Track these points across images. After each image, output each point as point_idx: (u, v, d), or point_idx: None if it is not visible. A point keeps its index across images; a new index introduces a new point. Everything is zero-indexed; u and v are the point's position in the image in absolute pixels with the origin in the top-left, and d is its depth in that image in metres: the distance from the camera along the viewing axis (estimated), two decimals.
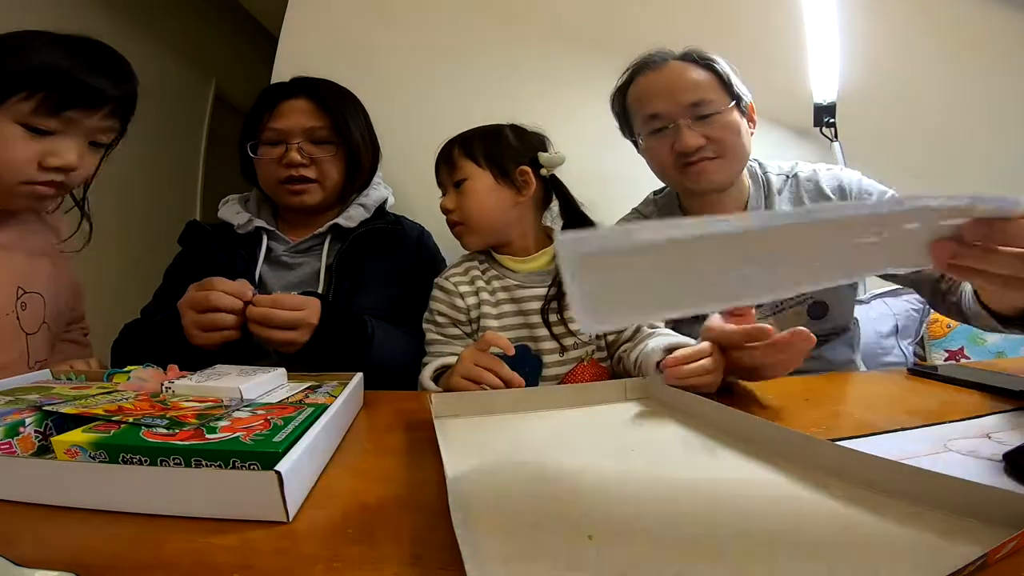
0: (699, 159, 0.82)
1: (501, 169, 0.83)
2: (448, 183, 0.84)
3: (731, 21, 1.31)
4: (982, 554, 0.24)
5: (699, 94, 0.81)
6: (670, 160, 0.84)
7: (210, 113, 2.51)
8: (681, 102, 0.81)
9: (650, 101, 0.84)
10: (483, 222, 0.82)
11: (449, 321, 0.82)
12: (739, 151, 0.84)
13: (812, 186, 0.89)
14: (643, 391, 0.63)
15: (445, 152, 0.85)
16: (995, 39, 1.36)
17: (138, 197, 2.02)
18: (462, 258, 0.89)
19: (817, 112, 1.32)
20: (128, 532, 0.32)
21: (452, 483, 0.34)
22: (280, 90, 0.92)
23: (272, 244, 0.91)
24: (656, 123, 0.84)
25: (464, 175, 0.82)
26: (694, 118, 0.81)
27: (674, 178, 0.87)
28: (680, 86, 0.82)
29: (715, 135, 0.81)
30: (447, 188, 0.85)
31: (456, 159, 0.83)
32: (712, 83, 0.82)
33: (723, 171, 0.83)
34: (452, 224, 0.84)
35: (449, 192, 0.84)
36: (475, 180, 0.82)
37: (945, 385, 0.62)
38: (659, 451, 0.46)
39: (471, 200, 0.81)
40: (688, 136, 0.80)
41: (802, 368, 0.86)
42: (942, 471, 0.37)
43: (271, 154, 0.89)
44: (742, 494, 0.36)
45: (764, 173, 0.93)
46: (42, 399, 0.47)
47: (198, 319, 0.67)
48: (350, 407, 0.55)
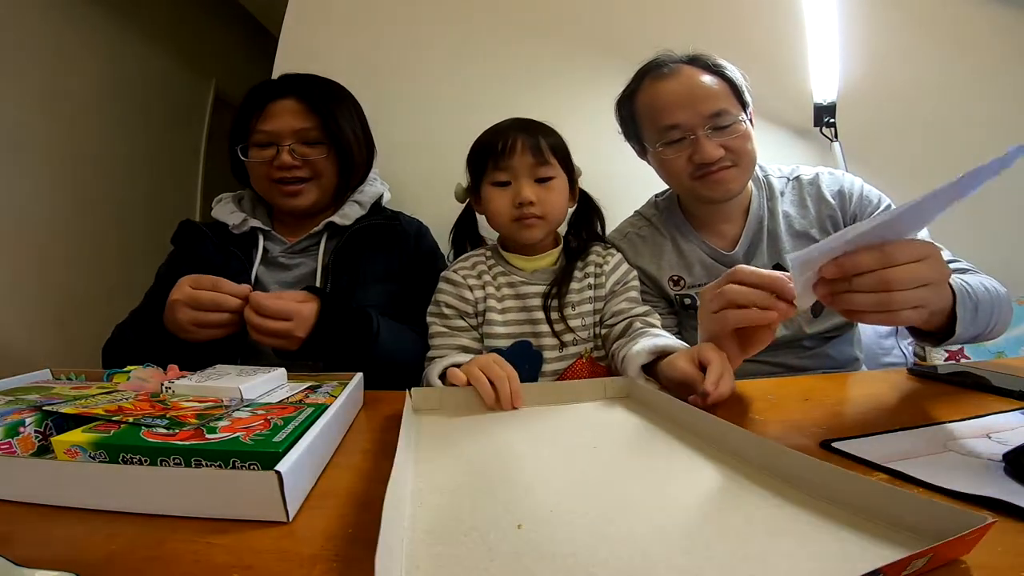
0: (718, 168, 0.81)
1: (571, 176, 0.86)
2: (527, 174, 0.80)
3: (732, 21, 1.31)
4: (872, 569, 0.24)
5: (717, 104, 0.80)
6: (687, 170, 0.83)
7: (210, 113, 2.51)
8: (701, 112, 0.80)
9: (666, 111, 0.82)
10: (556, 220, 0.84)
11: (456, 313, 0.82)
12: (752, 157, 0.84)
13: (814, 190, 0.89)
14: (623, 390, 0.63)
15: (532, 142, 0.80)
16: (995, 39, 1.36)
17: (138, 197, 2.02)
18: (469, 253, 0.89)
19: (817, 112, 1.32)
20: (128, 532, 0.32)
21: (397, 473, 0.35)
22: (268, 90, 0.90)
23: (268, 244, 0.91)
24: (673, 133, 0.82)
25: (553, 174, 0.82)
26: (713, 129, 0.80)
27: (689, 187, 0.86)
28: (698, 96, 0.81)
29: (732, 144, 0.81)
30: (523, 177, 0.80)
31: (547, 155, 0.81)
32: (726, 92, 0.82)
33: (739, 179, 0.84)
34: (526, 216, 0.80)
35: (529, 183, 0.80)
36: (560, 180, 0.83)
37: (945, 385, 0.61)
38: (622, 448, 0.47)
39: (556, 198, 0.82)
40: (708, 147, 0.80)
41: (808, 366, 0.87)
42: (942, 471, 0.37)
43: (262, 156, 0.88)
44: (690, 492, 0.37)
45: (766, 176, 0.93)
46: (42, 399, 0.48)
47: (197, 316, 0.67)
48: (350, 407, 0.55)
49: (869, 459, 0.40)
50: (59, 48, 1.65)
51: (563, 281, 0.82)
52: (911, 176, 1.23)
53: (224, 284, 0.68)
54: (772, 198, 0.91)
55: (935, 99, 1.36)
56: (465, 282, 0.83)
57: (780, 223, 0.89)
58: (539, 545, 0.30)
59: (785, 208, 0.90)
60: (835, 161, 1.31)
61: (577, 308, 0.82)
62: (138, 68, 2.02)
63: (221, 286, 0.68)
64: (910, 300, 0.48)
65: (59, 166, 1.68)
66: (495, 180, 0.81)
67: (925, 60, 1.36)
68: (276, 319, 0.68)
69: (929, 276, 0.49)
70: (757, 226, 0.89)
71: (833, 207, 0.87)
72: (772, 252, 0.89)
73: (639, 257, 0.92)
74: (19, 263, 1.55)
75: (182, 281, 0.69)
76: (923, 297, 0.49)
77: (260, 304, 0.68)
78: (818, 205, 0.88)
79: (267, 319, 0.67)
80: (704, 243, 0.91)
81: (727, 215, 0.90)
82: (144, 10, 2.04)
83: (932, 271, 0.49)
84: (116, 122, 1.91)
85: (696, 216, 0.93)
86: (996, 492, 0.33)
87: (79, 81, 1.74)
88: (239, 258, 0.87)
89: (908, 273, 0.48)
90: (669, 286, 0.91)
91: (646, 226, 0.97)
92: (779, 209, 0.89)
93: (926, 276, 0.48)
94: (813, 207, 0.88)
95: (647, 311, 0.82)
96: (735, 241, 0.90)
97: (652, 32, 1.01)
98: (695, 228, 0.93)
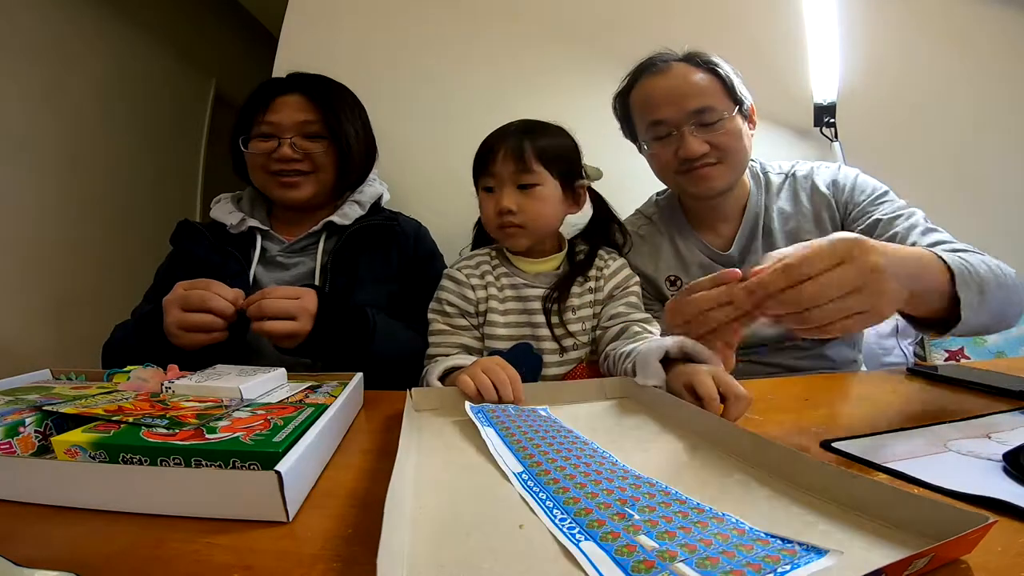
0: (702, 164, 0.82)
1: (568, 182, 0.82)
2: (509, 180, 0.78)
3: (732, 21, 1.31)
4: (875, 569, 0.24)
5: (703, 101, 0.80)
6: (673, 165, 0.84)
7: (210, 113, 2.51)
8: (685, 108, 0.80)
9: (654, 107, 0.83)
10: (542, 229, 0.81)
11: (458, 311, 0.82)
12: (740, 156, 0.84)
13: (808, 184, 0.89)
14: (621, 390, 0.63)
15: (514, 148, 0.77)
16: (994, 39, 1.36)
17: (138, 196, 2.02)
18: (473, 252, 0.89)
19: (817, 112, 1.32)
20: (128, 532, 0.32)
21: (398, 473, 0.35)
22: (275, 85, 0.92)
23: (266, 244, 0.90)
24: (660, 129, 0.83)
25: (537, 180, 0.78)
26: (698, 125, 0.81)
27: (676, 182, 0.87)
28: (684, 92, 0.81)
29: (718, 141, 0.81)
30: (505, 184, 0.78)
31: (529, 161, 0.77)
32: (716, 88, 0.82)
33: (724, 176, 0.84)
34: (506, 224, 0.79)
35: (510, 191, 0.78)
36: (546, 187, 0.79)
37: (945, 385, 0.62)
38: (621, 449, 0.47)
39: (539, 206, 0.79)
40: (692, 143, 0.80)
41: (805, 367, 0.87)
42: (942, 471, 0.37)
43: (262, 148, 0.88)
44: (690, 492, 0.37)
45: (765, 173, 0.93)
46: (42, 399, 0.47)
47: (183, 318, 0.65)
48: (350, 407, 0.55)
49: (869, 459, 0.40)
50: (60, 47, 1.65)
51: (564, 286, 0.82)
52: (911, 175, 1.23)
53: (215, 284, 0.67)
54: (769, 194, 0.91)
55: (935, 99, 1.36)
56: (468, 281, 0.83)
57: (775, 220, 0.88)
58: (541, 544, 0.30)
59: (780, 205, 0.89)
60: (835, 161, 1.31)
61: (578, 312, 0.82)
62: (138, 67, 2.02)
63: (212, 286, 0.67)
64: (832, 313, 0.41)
65: (59, 165, 1.68)
66: (484, 185, 0.82)
67: (925, 60, 1.36)
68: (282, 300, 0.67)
69: (854, 281, 0.41)
70: (753, 224, 0.89)
71: (827, 197, 0.86)
72: (767, 250, 0.87)
73: (638, 257, 0.92)
74: (19, 263, 1.55)
75: (177, 286, 0.68)
76: (852, 306, 0.42)
77: (267, 290, 0.68)
78: (812, 198, 0.88)
79: (275, 321, 0.66)
80: (701, 242, 0.91)
81: (724, 214, 0.90)
82: (144, 10, 2.04)
83: (856, 274, 0.41)
84: (116, 121, 1.91)
85: (694, 214, 0.93)
86: (996, 492, 0.33)
87: (79, 80, 1.74)
88: (237, 258, 0.87)
89: (822, 283, 0.41)
90: (666, 286, 0.91)
91: (646, 224, 0.97)
92: (774, 206, 0.89)
93: (849, 282, 0.41)
94: (807, 201, 0.88)
95: (646, 318, 0.80)
96: (731, 240, 0.90)
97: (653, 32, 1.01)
98: (693, 227, 0.93)
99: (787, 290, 0.42)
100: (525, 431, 0.48)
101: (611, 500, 0.34)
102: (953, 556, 0.27)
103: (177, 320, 0.65)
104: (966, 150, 1.37)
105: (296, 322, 0.68)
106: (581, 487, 0.36)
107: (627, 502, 0.34)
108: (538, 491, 0.37)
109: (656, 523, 0.31)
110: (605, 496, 0.35)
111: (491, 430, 0.48)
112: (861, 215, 0.82)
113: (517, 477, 0.39)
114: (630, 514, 0.32)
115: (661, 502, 0.34)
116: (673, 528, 0.30)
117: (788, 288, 0.42)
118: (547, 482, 0.38)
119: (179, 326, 0.65)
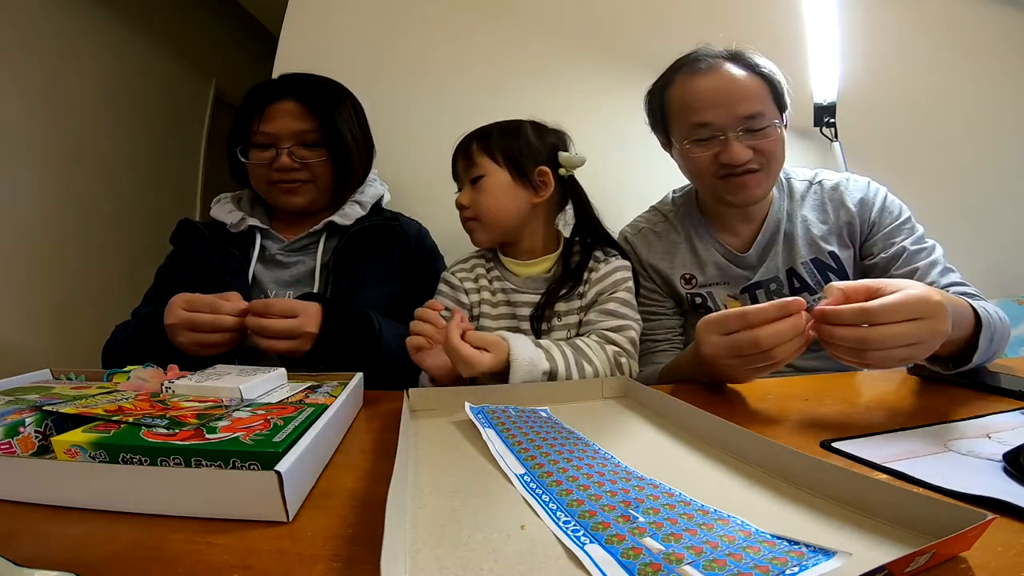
0: (744, 172, 0.79)
1: (519, 168, 0.81)
2: (464, 178, 0.83)
3: (731, 21, 1.31)
4: (878, 566, 0.24)
5: (753, 106, 0.78)
6: (711, 169, 0.81)
7: (210, 113, 2.51)
8: (735, 113, 0.78)
9: (699, 108, 0.80)
10: (497, 221, 0.81)
11: None
12: (780, 163, 0.82)
13: (837, 196, 0.87)
14: (620, 390, 0.63)
15: (463, 146, 0.83)
16: (995, 39, 1.36)
17: (139, 197, 2.03)
18: (469, 254, 0.89)
19: (817, 112, 1.32)
20: (128, 532, 0.32)
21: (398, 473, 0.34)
22: (268, 91, 0.90)
23: (266, 243, 0.91)
24: (704, 132, 0.80)
25: (481, 172, 0.80)
26: (745, 131, 0.78)
27: (712, 186, 0.84)
28: (734, 96, 0.78)
29: (763, 148, 0.79)
30: (463, 183, 0.83)
31: (474, 155, 0.81)
32: (765, 94, 0.80)
33: (763, 184, 0.82)
34: (465, 220, 0.83)
35: (465, 188, 0.82)
36: (492, 177, 0.80)
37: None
38: (621, 449, 0.46)
39: (487, 197, 0.80)
40: (737, 149, 0.78)
41: (807, 366, 0.87)
42: (942, 471, 0.37)
43: (261, 158, 0.89)
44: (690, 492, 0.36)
45: (788, 179, 0.91)
46: (42, 399, 0.47)
47: (199, 339, 0.67)
48: (350, 407, 0.55)
49: (869, 459, 0.40)
50: (60, 47, 1.65)
51: (550, 301, 0.80)
52: (911, 176, 1.23)
53: (221, 305, 0.68)
54: (792, 201, 0.89)
55: (935, 99, 1.36)
56: (462, 285, 0.83)
57: (798, 227, 0.87)
58: (543, 546, 0.30)
59: (805, 212, 0.88)
60: (835, 161, 1.31)
61: (563, 319, 0.80)
62: (139, 68, 2.02)
63: (218, 307, 0.67)
64: (886, 361, 0.46)
65: (59, 165, 1.68)
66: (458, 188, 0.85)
67: (925, 60, 1.36)
68: (282, 318, 0.68)
69: (918, 336, 0.45)
70: (774, 228, 0.88)
71: (852, 214, 0.85)
72: (787, 256, 0.87)
73: (652, 254, 0.92)
74: (19, 262, 1.55)
75: (174, 303, 0.68)
76: (906, 357, 0.46)
77: (267, 303, 0.68)
78: (838, 212, 0.86)
79: (276, 340, 0.68)
80: (719, 243, 0.90)
81: (745, 215, 0.89)
82: (144, 10, 2.04)
83: (924, 332, 0.45)
84: (116, 122, 1.91)
85: (713, 214, 0.92)
86: (996, 492, 0.33)
87: (80, 80, 1.74)
88: (237, 257, 0.87)
89: (889, 334, 0.45)
90: (681, 284, 0.90)
91: (661, 222, 0.96)
92: (798, 213, 0.88)
93: (913, 336, 0.45)
94: (833, 214, 0.86)
95: (620, 326, 0.76)
96: (750, 242, 0.89)
97: (653, 32, 1.01)
98: (711, 226, 0.91)
99: (858, 329, 0.46)
100: (526, 432, 0.48)
101: (615, 502, 0.34)
102: (953, 553, 0.27)
103: (193, 341, 0.67)
104: (966, 150, 1.37)
105: (296, 341, 0.69)
106: (584, 489, 0.36)
107: (631, 504, 0.34)
108: (540, 493, 0.36)
109: (661, 525, 0.31)
110: (609, 498, 0.35)
111: (492, 431, 0.48)
112: (886, 239, 0.82)
113: (519, 478, 0.39)
114: (634, 516, 0.32)
115: (665, 504, 0.34)
116: (678, 530, 0.30)
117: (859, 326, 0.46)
118: (550, 484, 0.37)
119: (196, 345, 0.68)
